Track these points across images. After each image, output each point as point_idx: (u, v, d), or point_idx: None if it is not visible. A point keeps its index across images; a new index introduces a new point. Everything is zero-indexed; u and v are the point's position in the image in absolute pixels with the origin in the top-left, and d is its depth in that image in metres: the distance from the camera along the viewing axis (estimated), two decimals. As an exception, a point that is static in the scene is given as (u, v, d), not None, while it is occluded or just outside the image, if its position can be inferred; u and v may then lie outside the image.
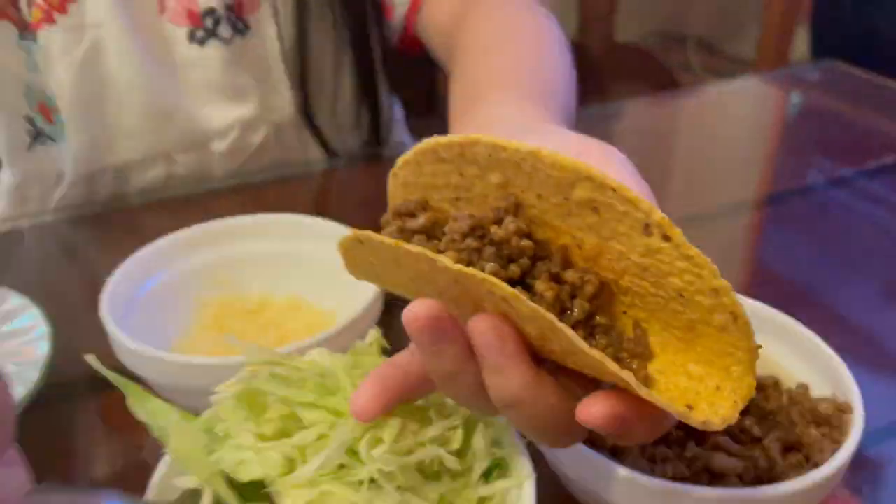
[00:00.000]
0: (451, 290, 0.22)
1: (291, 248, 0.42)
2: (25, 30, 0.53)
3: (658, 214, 0.21)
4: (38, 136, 0.57)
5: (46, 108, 0.56)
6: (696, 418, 0.20)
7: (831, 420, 0.30)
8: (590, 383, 0.22)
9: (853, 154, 0.64)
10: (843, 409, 0.30)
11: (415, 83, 0.86)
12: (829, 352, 0.32)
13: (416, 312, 0.21)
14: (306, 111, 0.59)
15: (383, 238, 0.22)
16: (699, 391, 0.22)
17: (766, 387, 0.32)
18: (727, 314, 0.21)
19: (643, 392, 0.20)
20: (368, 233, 0.22)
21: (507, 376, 0.21)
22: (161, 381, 0.34)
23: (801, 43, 1.90)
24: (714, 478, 0.29)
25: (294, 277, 0.41)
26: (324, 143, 0.61)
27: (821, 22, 1.78)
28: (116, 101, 0.55)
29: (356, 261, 0.25)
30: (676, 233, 0.21)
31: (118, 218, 0.57)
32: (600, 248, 0.22)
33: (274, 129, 0.60)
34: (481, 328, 0.21)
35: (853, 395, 0.30)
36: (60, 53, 0.53)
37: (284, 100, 0.59)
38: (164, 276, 0.39)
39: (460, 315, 0.22)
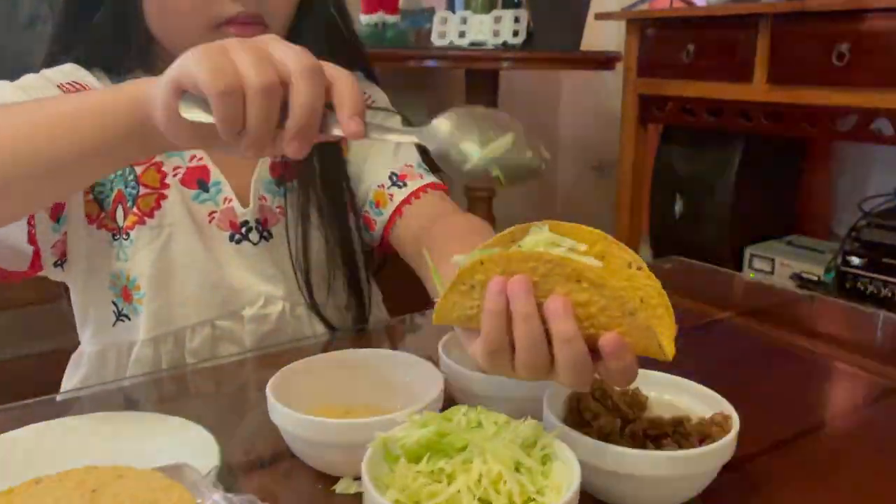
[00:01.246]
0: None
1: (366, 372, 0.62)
2: (118, 231, 0.74)
3: (637, 257, 0.48)
4: (119, 316, 0.76)
5: (128, 291, 0.75)
6: (665, 348, 0.45)
7: (720, 431, 0.52)
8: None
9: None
10: (726, 419, 0.52)
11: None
12: (716, 395, 0.55)
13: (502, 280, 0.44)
14: (310, 296, 0.81)
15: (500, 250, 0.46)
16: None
17: (682, 420, 0.54)
18: (664, 306, 0.48)
19: (652, 325, 0.44)
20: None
21: (568, 323, 0.43)
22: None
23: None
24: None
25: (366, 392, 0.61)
26: (323, 319, 0.82)
27: (656, 237, 2.23)
28: (180, 279, 0.76)
29: (446, 305, 0.48)
30: (644, 265, 0.48)
31: (177, 378, 0.75)
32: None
33: (290, 305, 0.81)
34: (555, 305, 0.43)
35: (732, 415, 0.52)
36: (145, 244, 0.74)
37: (294, 286, 0.81)
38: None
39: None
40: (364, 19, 2.24)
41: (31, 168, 0.53)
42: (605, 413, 0.53)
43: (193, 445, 0.53)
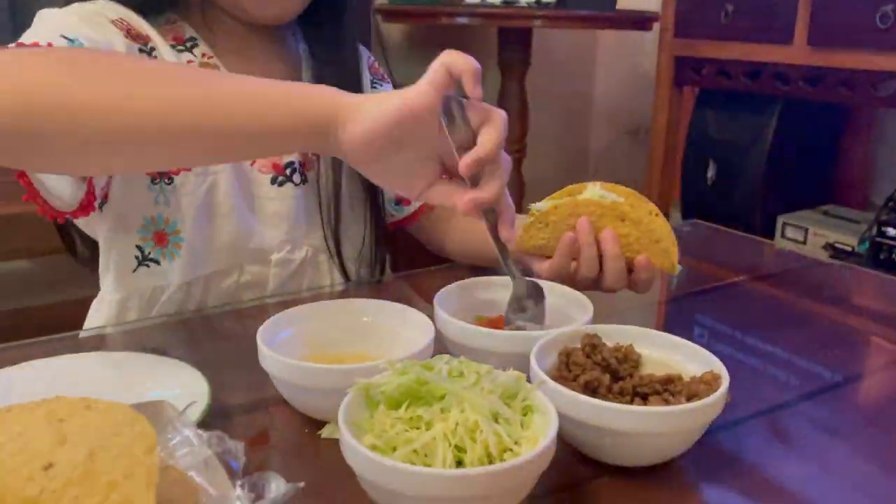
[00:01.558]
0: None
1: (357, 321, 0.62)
2: (159, 175, 0.74)
3: (655, 208, 0.68)
4: (143, 261, 0.76)
5: (163, 235, 0.76)
6: (675, 265, 0.68)
7: (708, 390, 0.51)
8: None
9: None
10: (716, 378, 0.51)
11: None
12: (710, 355, 0.54)
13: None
14: (336, 244, 0.81)
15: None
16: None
17: (672, 378, 0.53)
18: (671, 240, 0.68)
19: (666, 247, 0.67)
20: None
21: (616, 247, 0.66)
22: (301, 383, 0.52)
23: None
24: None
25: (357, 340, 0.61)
26: (343, 269, 0.83)
27: (688, 204, 2.19)
28: (218, 225, 0.76)
29: (525, 238, 0.69)
30: (660, 213, 0.68)
31: (206, 321, 0.76)
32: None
33: (312, 252, 0.82)
34: (608, 234, 0.66)
35: (722, 374, 0.51)
36: (191, 190, 0.75)
37: (320, 232, 0.82)
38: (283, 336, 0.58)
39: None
40: (395, -25, 2.21)
41: (195, 128, 0.53)
42: (591, 367, 0.53)
43: (184, 385, 0.54)
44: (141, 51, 0.73)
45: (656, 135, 2.20)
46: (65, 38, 0.63)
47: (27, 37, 0.63)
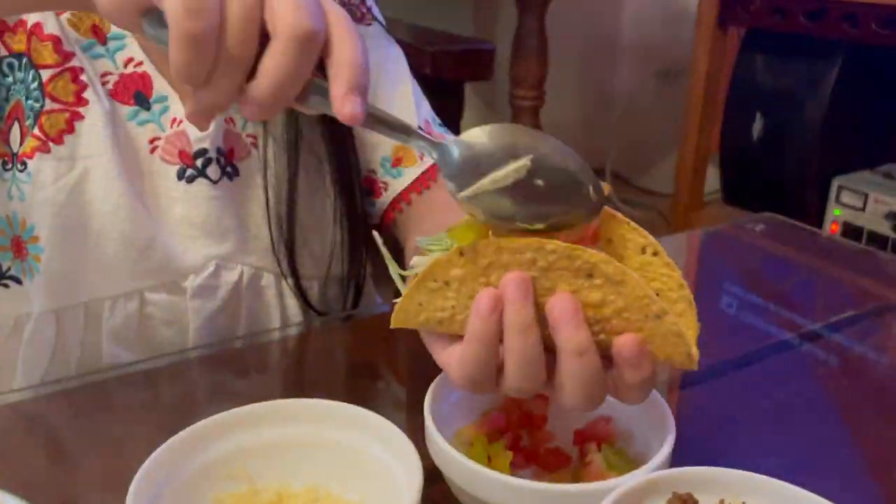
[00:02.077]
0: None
1: (309, 435, 0.40)
2: (12, 159, 0.53)
3: (652, 240, 0.36)
4: (1, 279, 0.56)
5: (21, 243, 0.55)
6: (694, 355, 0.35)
7: None
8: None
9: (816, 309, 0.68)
10: None
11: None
12: None
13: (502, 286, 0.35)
14: (290, 260, 0.59)
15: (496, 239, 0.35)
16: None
17: None
18: (686, 301, 0.37)
19: (675, 328, 0.34)
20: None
21: (581, 332, 0.34)
22: None
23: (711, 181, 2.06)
24: None
25: (314, 466, 0.40)
26: (302, 295, 0.61)
27: (728, 160, 1.95)
28: (96, 231, 0.55)
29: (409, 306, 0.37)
30: (661, 250, 0.37)
31: (89, 391, 0.54)
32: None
33: (251, 274, 0.60)
34: (562, 305, 0.34)
35: None
36: (50, 181, 0.53)
37: (262, 244, 0.60)
38: (178, 477, 0.37)
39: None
40: None
41: None
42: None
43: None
44: None
45: (695, 81, 1.94)
46: None
47: None
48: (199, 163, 0.57)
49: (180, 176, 0.57)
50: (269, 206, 0.59)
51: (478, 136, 0.35)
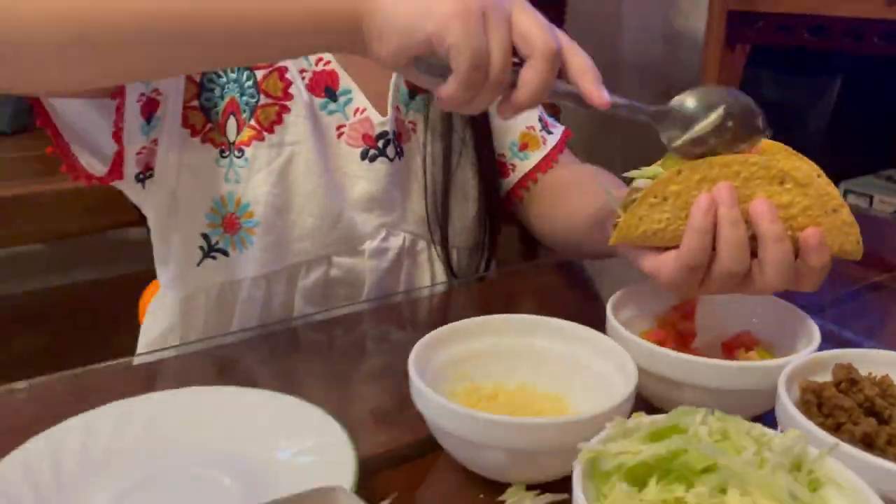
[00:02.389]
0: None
1: (518, 344, 0.49)
2: (229, 147, 0.62)
3: (815, 165, 0.47)
4: (209, 252, 0.64)
5: (234, 219, 0.63)
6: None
7: None
8: None
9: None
10: None
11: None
12: None
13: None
14: (442, 230, 0.69)
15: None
16: None
17: None
18: (848, 209, 0.46)
19: (850, 218, 0.45)
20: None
21: (777, 224, 0.44)
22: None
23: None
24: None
25: (524, 369, 0.48)
26: (448, 261, 0.70)
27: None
28: (298, 207, 0.64)
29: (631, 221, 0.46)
30: (823, 173, 0.47)
31: (294, 335, 0.63)
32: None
33: (410, 240, 0.70)
34: (762, 207, 0.44)
35: None
36: (264, 165, 0.62)
37: (417, 215, 0.70)
38: (426, 371, 0.45)
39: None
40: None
41: (195, 26, 0.45)
42: (856, 412, 0.40)
43: (316, 434, 0.42)
44: None
45: (704, 96, 2.05)
46: None
47: None
48: (380, 144, 0.67)
49: (363, 156, 0.66)
50: (427, 184, 0.69)
51: (682, 100, 0.48)
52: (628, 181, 0.50)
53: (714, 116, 0.46)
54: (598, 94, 0.45)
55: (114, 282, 1.99)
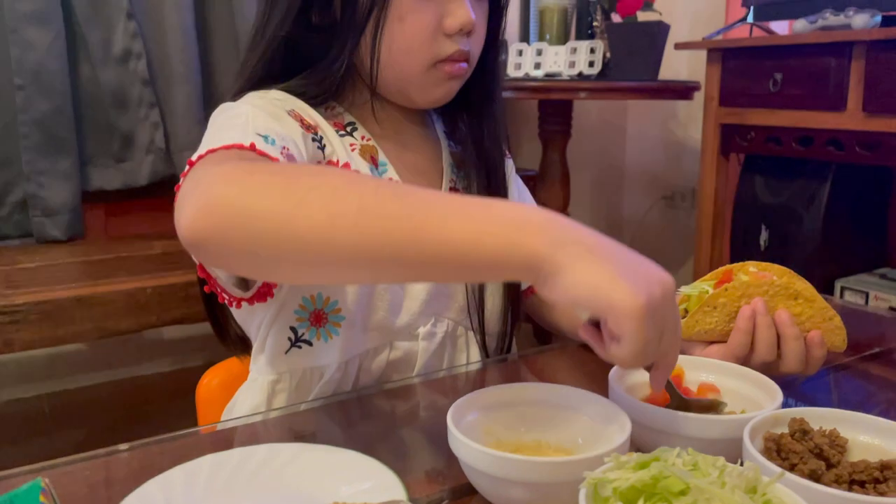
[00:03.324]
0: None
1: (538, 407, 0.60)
2: None
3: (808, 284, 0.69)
4: (295, 342, 0.75)
5: (322, 314, 0.75)
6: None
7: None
8: None
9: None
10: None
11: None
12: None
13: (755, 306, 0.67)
14: (480, 318, 0.81)
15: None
16: None
17: (891, 464, 0.51)
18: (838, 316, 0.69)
19: (840, 324, 0.68)
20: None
21: (794, 327, 0.66)
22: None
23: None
24: None
25: (538, 427, 0.59)
26: (483, 344, 0.83)
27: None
28: (374, 303, 0.76)
29: (691, 323, 0.69)
30: (814, 290, 0.69)
31: (360, 403, 0.74)
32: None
33: (452, 326, 0.81)
34: (786, 316, 0.67)
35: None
36: None
37: (457, 304, 0.82)
38: (461, 426, 0.55)
39: None
40: (441, 51, 2.26)
41: (394, 257, 0.49)
42: (809, 456, 0.50)
43: (376, 481, 0.52)
44: (313, 140, 0.74)
45: (703, 202, 2.20)
46: (259, 135, 0.62)
47: (218, 138, 0.61)
48: None
49: None
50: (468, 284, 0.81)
51: None
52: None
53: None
54: (657, 385, 0.54)
55: (151, 379, 2.10)
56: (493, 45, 0.82)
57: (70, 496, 0.54)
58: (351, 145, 0.78)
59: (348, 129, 0.79)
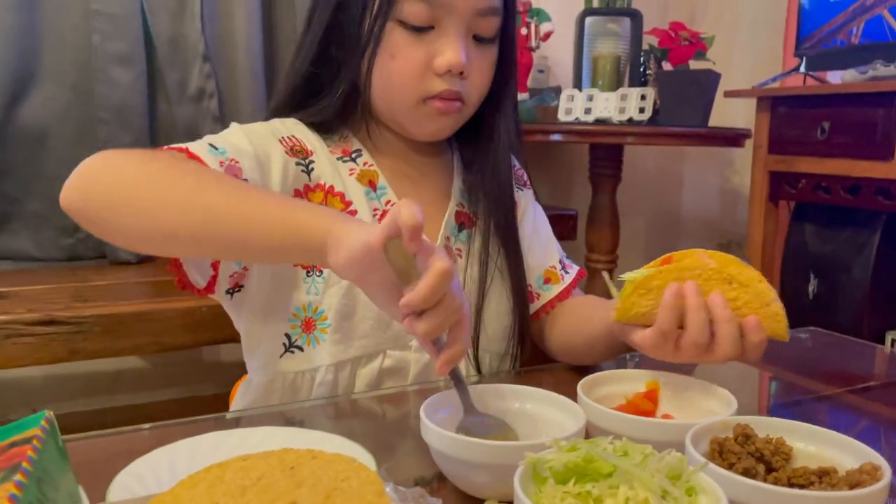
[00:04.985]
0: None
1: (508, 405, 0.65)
2: (312, 269, 0.82)
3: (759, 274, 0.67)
4: (289, 348, 0.83)
5: (311, 322, 0.82)
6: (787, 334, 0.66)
7: (869, 480, 0.51)
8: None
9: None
10: (876, 470, 0.51)
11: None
12: (866, 448, 0.54)
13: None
14: (476, 343, 0.86)
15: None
16: None
17: (828, 470, 0.54)
18: (779, 302, 0.66)
19: (780, 310, 0.65)
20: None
21: (728, 309, 0.64)
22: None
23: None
24: None
25: (509, 420, 0.64)
26: (476, 361, 0.88)
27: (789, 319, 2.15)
28: (360, 313, 0.82)
29: (627, 306, 0.68)
30: (765, 280, 0.67)
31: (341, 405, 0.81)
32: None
33: None
34: (717, 298, 0.65)
35: (883, 465, 0.52)
36: (336, 281, 0.82)
37: None
38: (441, 416, 0.61)
39: None
40: (494, 96, 2.35)
41: (213, 237, 0.66)
42: (745, 457, 0.54)
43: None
44: (297, 164, 0.84)
45: (752, 249, 2.20)
46: (211, 145, 0.76)
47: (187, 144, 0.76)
48: None
49: None
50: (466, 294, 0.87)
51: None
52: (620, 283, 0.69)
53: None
54: (442, 367, 0.61)
55: (206, 399, 2.21)
56: (504, 84, 0.89)
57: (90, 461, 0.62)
58: (350, 170, 0.86)
59: (353, 155, 0.88)
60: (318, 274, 0.82)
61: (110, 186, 0.67)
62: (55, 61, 1.87)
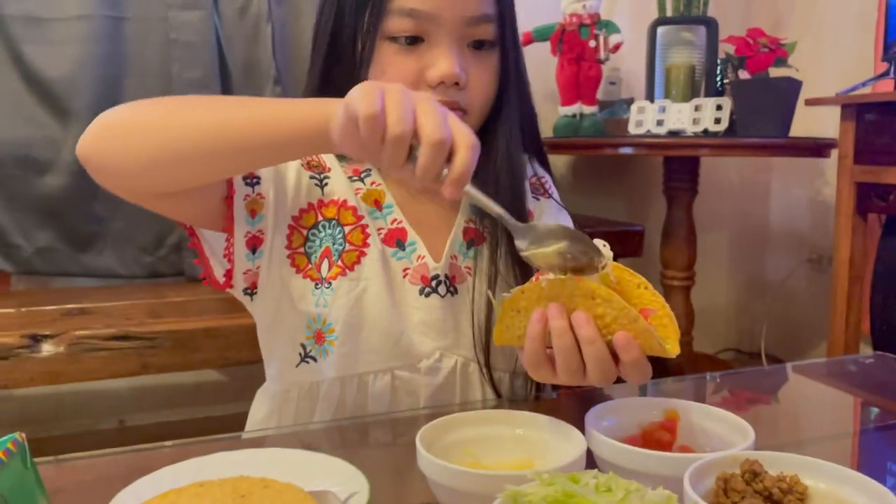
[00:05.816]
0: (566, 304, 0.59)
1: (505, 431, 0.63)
2: (321, 281, 0.83)
3: (643, 279, 0.62)
4: (304, 357, 0.84)
5: (321, 333, 0.83)
6: (667, 347, 0.57)
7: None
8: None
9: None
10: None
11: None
12: (887, 491, 0.50)
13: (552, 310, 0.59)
14: (485, 354, 0.84)
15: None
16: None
17: None
18: (668, 316, 0.60)
19: (647, 326, 0.56)
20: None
21: (590, 328, 0.57)
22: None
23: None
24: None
25: (514, 447, 0.62)
26: (492, 382, 0.86)
27: (880, 339, 2.01)
28: (368, 327, 0.82)
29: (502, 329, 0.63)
30: (650, 285, 0.62)
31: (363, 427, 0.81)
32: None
33: (462, 363, 0.85)
34: (579, 316, 0.58)
35: None
36: (344, 293, 0.82)
37: (469, 342, 0.86)
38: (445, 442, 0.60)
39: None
40: (562, 110, 2.32)
41: (224, 145, 0.68)
42: (751, 496, 0.50)
43: (346, 482, 0.58)
44: (311, 178, 0.87)
45: (839, 265, 2.07)
46: None
47: None
48: (433, 283, 0.86)
49: (420, 292, 0.86)
50: (474, 318, 0.86)
51: (541, 225, 0.62)
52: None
53: (554, 249, 0.60)
54: (448, 189, 0.58)
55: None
56: (504, 91, 0.87)
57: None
58: (356, 190, 0.87)
59: (362, 175, 0.88)
60: (325, 286, 0.83)
61: (121, 118, 0.70)
62: (137, 88, 1.98)
